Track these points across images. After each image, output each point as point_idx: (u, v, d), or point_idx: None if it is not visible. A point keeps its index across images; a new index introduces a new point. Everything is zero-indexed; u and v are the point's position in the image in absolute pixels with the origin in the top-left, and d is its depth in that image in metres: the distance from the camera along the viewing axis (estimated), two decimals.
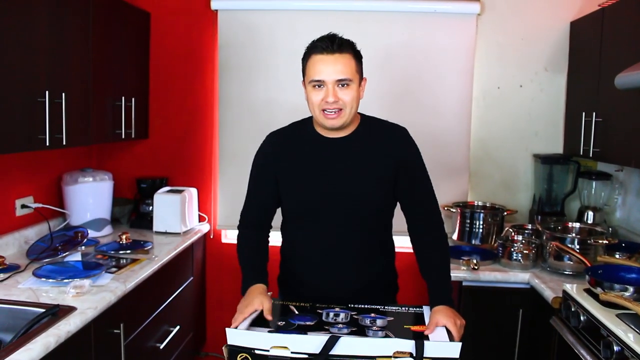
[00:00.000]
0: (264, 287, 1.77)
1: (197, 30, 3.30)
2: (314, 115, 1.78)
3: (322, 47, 1.71)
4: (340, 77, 1.70)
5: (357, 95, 1.76)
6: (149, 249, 2.69)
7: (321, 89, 1.71)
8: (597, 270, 2.18)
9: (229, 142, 3.28)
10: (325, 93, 1.70)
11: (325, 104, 1.71)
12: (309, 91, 1.75)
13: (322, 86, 1.71)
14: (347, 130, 1.82)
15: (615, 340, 1.75)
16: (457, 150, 3.24)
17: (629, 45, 2.40)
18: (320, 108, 1.73)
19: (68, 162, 3.04)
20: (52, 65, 2.26)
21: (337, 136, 1.82)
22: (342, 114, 1.73)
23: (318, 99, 1.72)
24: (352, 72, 1.72)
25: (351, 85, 1.72)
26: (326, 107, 1.71)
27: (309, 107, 1.78)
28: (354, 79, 1.73)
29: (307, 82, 1.75)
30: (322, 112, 1.73)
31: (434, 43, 3.18)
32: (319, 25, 3.16)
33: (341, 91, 1.71)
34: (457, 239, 3.01)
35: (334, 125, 1.75)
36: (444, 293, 1.75)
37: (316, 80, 1.71)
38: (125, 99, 2.90)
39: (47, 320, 1.76)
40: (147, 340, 2.52)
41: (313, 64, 1.72)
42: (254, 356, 1.46)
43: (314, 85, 1.72)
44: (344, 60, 1.70)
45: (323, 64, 1.70)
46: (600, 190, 3.03)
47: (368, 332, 1.59)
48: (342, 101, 1.71)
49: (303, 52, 1.79)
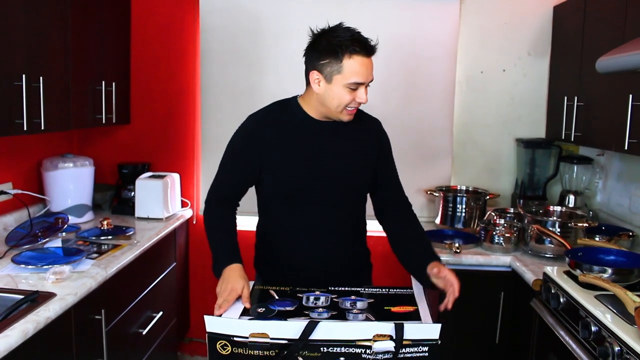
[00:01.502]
0: (241, 268, 1.76)
1: (178, 13, 3.25)
2: (334, 109, 1.77)
3: (366, 49, 1.71)
4: (372, 78, 1.76)
5: None
6: (131, 235, 2.67)
7: (354, 91, 1.73)
8: (577, 252, 2.21)
9: (211, 127, 3.26)
10: (359, 94, 1.73)
11: (354, 103, 1.75)
12: (340, 88, 1.72)
13: (357, 89, 1.73)
14: None
15: (593, 320, 1.77)
16: (441, 134, 3.24)
17: (611, 29, 2.41)
18: (347, 107, 1.76)
19: (48, 148, 3.00)
20: (29, 48, 2.21)
21: (326, 119, 1.85)
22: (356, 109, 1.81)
23: (349, 98, 1.73)
24: None
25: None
26: (353, 106, 1.76)
27: (329, 101, 1.76)
28: None
29: (343, 81, 1.71)
30: (345, 109, 1.76)
31: (417, 28, 3.16)
32: (302, 9, 3.17)
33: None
34: (440, 222, 3.02)
35: (349, 120, 1.80)
36: (433, 253, 1.85)
37: (359, 83, 1.72)
38: (106, 83, 2.85)
39: (25, 307, 1.74)
40: (130, 326, 2.50)
41: (354, 64, 1.70)
42: (233, 343, 1.45)
43: (351, 86, 1.72)
44: (372, 62, 1.76)
45: (365, 67, 1.71)
46: (582, 174, 3.06)
47: (348, 316, 1.59)
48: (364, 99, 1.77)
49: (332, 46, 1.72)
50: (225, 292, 1.67)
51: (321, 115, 1.84)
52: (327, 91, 1.75)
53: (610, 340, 1.65)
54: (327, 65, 1.73)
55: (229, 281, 1.71)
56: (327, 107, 1.78)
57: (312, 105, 1.84)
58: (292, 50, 3.19)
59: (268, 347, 1.44)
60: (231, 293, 1.67)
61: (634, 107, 2.15)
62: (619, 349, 1.61)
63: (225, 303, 1.64)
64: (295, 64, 3.16)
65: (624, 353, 1.59)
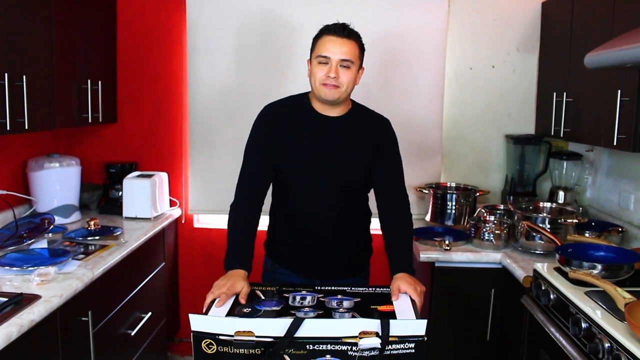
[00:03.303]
0: (246, 274, 1.83)
1: (165, 10, 3.22)
2: (314, 88, 1.93)
3: (335, 30, 1.89)
4: (344, 57, 1.88)
5: (355, 78, 1.93)
6: (119, 235, 2.64)
7: (325, 66, 1.88)
8: (566, 248, 2.20)
9: (199, 125, 3.23)
10: (328, 69, 1.88)
11: (327, 79, 1.88)
12: (314, 66, 1.91)
13: (327, 63, 1.88)
14: (341, 111, 2.00)
15: (583, 317, 1.76)
16: (430, 131, 3.23)
17: (599, 25, 2.40)
18: (321, 82, 1.89)
19: (34, 148, 2.96)
20: (11, 46, 2.17)
21: (332, 115, 1.99)
22: (338, 90, 1.90)
23: (322, 74, 1.89)
24: (354, 56, 1.90)
25: (351, 68, 1.90)
26: (327, 82, 1.88)
27: (310, 81, 1.94)
28: (355, 63, 1.91)
29: (314, 58, 1.92)
30: (322, 85, 1.89)
31: (406, 24, 3.15)
32: (290, 7, 3.15)
33: (342, 71, 1.89)
34: (430, 220, 3.01)
35: (328, 96, 1.91)
36: (405, 261, 1.92)
37: (323, 56, 1.88)
38: (92, 81, 2.82)
39: (9, 310, 1.71)
40: (118, 327, 2.48)
41: (323, 42, 1.90)
42: (219, 342, 1.44)
43: (320, 61, 1.89)
44: (350, 45, 1.89)
45: (332, 44, 1.88)
46: (571, 170, 3.06)
47: (335, 315, 1.58)
48: (341, 80, 1.89)
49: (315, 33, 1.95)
50: (224, 287, 1.72)
51: (318, 103, 1.97)
52: (310, 72, 1.94)
53: (601, 336, 1.65)
54: (311, 50, 1.96)
55: (230, 279, 1.77)
56: (312, 87, 1.95)
57: (313, 96, 1.99)
58: (279, 48, 3.18)
59: (253, 345, 1.43)
60: (230, 288, 1.71)
61: (623, 102, 2.15)
62: (609, 346, 1.60)
63: (223, 296, 1.69)
64: (283, 60, 3.19)
65: (614, 349, 1.58)
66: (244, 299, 1.70)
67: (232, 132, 3.17)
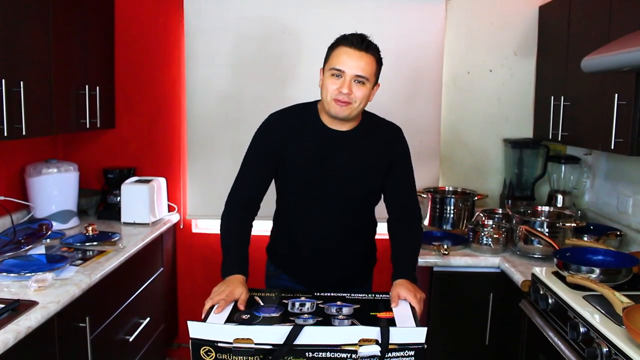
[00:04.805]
0: (244, 279, 1.80)
1: (162, 16, 3.22)
2: (325, 101, 1.83)
3: (352, 41, 1.77)
4: (360, 73, 1.76)
5: (368, 95, 1.82)
6: (117, 240, 2.64)
7: (339, 79, 1.77)
8: (565, 253, 2.20)
9: (197, 130, 3.23)
10: (342, 84, 1.76)
11: (339, 94, 1.77)
12: (327, 78, 1.81)
13: (341, 77, 1.77)
14: (350, 125, 1.90)
15: (581, 321, 1.76)
16: (428, 135, 3.23)
17: (596, 29, 2.41)
18: (333, 97, 1.79)
19: (32, 154, 2.96)
20: (9, 52, 2.17)
21: (341, 129, 1.89)
22: (350, 107, 1.79)
23: (334, 87, 1.78)
24: (370, 73, 1.79)
25: (366, 85, 1.79)
26: (339, 97, 1.77)
27: (321, 93, 1.83)
28: (370, 80, 1.80)
29: (327, 69, 1.81)
30: (333, 100, 1.79)
31: (404, 28, 3.15)
32: (288, 12, 3.15)
33: (356, 87, 1.78)
34: (428, 224, 3.01)
35: (338, 114, 1.80)
36: (406, 268, 1.88)
37: (337, 69, 1.77)
38: (90, 87, 2.82)
39: (6, 316, 1.71)
40: (116, 333, 2.47)
41: (339, 53, 1.78)
42: (217, 349, 1.43)
43: (334, 73, 1.78)
44: (367, 60, 1.78)
45: (348, 57, 1.76)
46: (569, 174, 3.06)
47: (334, 322, 1.57)
48: (354, 95, 1.78)
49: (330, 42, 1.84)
50: (223, 293, 1.69)
51: (327, 116, 1.87)
52: (322, 83, 1.83)
53: (599, 341, 1.64)
54: (325, 60, 1.84)
55: (229, 285, 1.73)
56: (323, 100, 1.84)
57: (322, 108, 1.89)
58: (278, 53, 3.19)
59: (252, 352, 1.42)
60: (229, 295, 1.68)
61: (620, 106, 2.15)
62: (607, 350, 1.60)
63: (222, 302, 1.66)
64: (281, 66, 3.19)
65: (612, 354, 1.58)
66: (243, 305, 1.68)
67: (230, 137, 3.17)
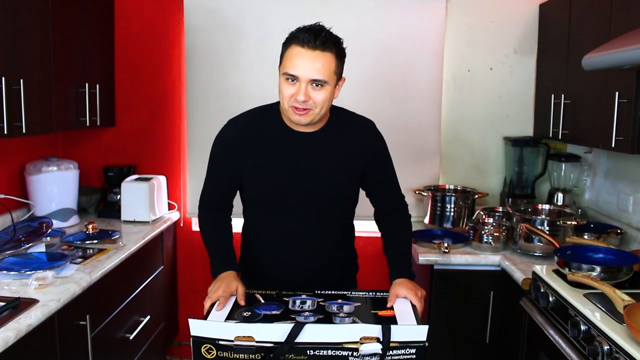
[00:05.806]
0: (235, 273, 1.77)
1: (162, 14, 3.22)
2: (283, 107, 1.70)
3: (305, 39, 1.60)
4: (316, 77, 1.61)
5: (331, 96, 1.68)
6: (117, 239, 2.63)
7: (294, 84, 1.63)
8: (565, 251, 2.20)
9: (197, 128, 3.23)
10: (297, 90, 1.62)
11: (295, 101, 1.63)
12: (282, 82, 1.66)
13: (296, 81, 1.62)
14: (317, 126, 1.77)
15: (582, 319, 1.76)
16: (428, 133, 3.23)
17: (596, 27, 2.40)
18: (290, 104, 1.65)
19: (32, 152, 2.95)
20: (8, 50, 2.17)
21: (307, 130, 1.76)
22: (310, 112, 1.66)
23: (289, 93, 1.64)
24: (329, 74, 1.63)
25: (325, 87, 1.64)
26: (296, 105, 1.64)
27: (280, 98, 1.70)
28: (330, 81, 1.64)
29: (281, 72, 1.66)
30: (290, 106, 1.66)
31: (404, 26, 3.15)
32: (288, 9, 3.14)
33: (314, 91, 1.63)
34: (428, 222, 3.01)
35: (299, 121, 1.68)
36: (403, 266, 1.82)
37: (290, 74, 1.62)
38: (89, 85, 2.81)
39: (6, 314, 1.71)
40: (116, 331, 2.47)
41: (291, 55, 1.63)
42: (219, 347, 1.43)
43: (287, 78, 1.64)
44: (324, 59, 1.61)
45: (301, 59, 1.61)
46: (570, 172, 3.06)
47: (335, 319, 1.57)
48: (312, 101, 1.63)
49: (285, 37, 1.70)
50: (219, 290, 1.67)
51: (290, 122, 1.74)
52: (279, 86, 1.68)
53: (600, 339, 1.64)
54: (280, 59, 1.70)
55: (223, 281, 1.72)
56: (281, 106, 1.71)
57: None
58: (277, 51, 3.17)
59: (254, 350, 1.42)
60: (225, 290, 1.67)
61: (620, 104, 2.15)
62: (608, 348, 1.60)
63: (222, 299, 1.65)
64: None
65: (613, 352, 1.58)
66: (242, 300, 1.67)
67: None
